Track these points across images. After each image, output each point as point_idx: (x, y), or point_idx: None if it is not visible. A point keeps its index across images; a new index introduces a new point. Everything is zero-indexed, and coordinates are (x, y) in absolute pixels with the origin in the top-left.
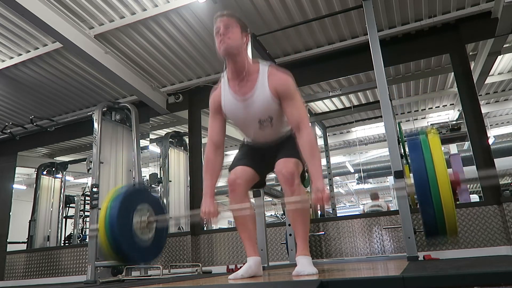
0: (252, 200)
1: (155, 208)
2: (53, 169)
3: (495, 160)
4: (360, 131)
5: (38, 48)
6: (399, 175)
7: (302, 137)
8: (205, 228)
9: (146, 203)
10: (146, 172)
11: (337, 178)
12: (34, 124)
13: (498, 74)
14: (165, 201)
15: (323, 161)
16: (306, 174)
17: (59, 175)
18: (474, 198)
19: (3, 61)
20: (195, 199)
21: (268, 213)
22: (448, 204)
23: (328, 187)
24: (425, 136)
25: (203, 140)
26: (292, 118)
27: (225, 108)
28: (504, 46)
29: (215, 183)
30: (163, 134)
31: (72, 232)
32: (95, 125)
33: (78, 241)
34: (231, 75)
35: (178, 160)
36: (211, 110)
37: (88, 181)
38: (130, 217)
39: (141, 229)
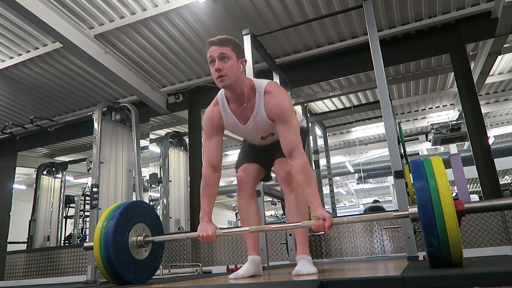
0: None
1: (152, 225)
2: (53, 169)
3: (495, 160)
4: (360, 131)
5: (38, 48)
6: (399, 175)
7: (296, 164)
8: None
9: (142, 221)
10: (146, 172)
11: (337, 178)
12: (34, 124)
13: (498, 74)
14: (165, 201)
15: (323, 161)
16: None
17: (59, 175)
18: (474, 198)
19: (3, 61)
20: (195, 199)
21: (268, 213)
22: (454, 235)
23: (330, 211)
24: (429, 161)
25: (203, 140)
26: (285, 145)
27: (228, 128)
28: (504, 46)
29: (212, 206)
30: (163, 134)
31: (72, 232)
32: (95, 125)
33: (78, 241)
34: (231, 98)
35: (178, 160)
36: (208, 129)
37: (88, 181)
38: (126, 236)
39: (136, 247)
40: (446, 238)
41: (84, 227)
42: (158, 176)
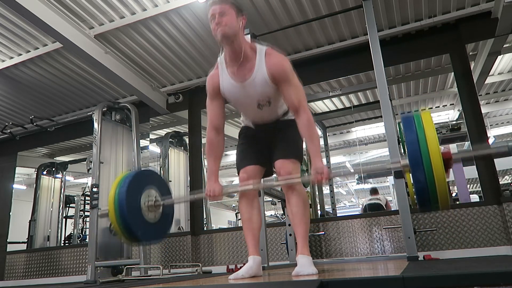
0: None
1: (161, 190)
2: (53, 169)
3: (495, 160)
4: (360, 131)
5: (38, 48)
6: (399, 175)
7: (301, 120)
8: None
9: (152, 187)
10: None
11: (337, 178)
12: (34, 124)
13: (498, 74)
14: None
15: (323, 161)
16: (306, 174)
17: (59, 175)
18: (474, 198)
19: (3, 61)
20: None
21: (268, 213)
22: (440, 176)
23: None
24: (419, 114)
25: (203, 140)
26: (290, 102)
27: (224, 91)
28: (504, 46)
29: (218, 166)
30: (163, 134)
31: (72, 232)
32: (95, 125)
33: (78, 241)
34: (229, 59)
35: (178, 160)
36: (209, 93)
37: (88, 181)
38: (138, 199)
39: (148, 210)
40: (434, 184)
41: (84, 227)
42: None
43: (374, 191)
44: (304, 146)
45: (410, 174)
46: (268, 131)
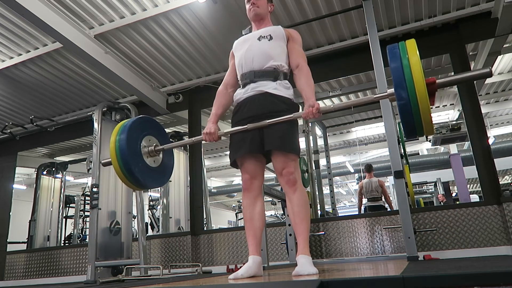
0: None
1: (159, 137)
2: (53, 169)
3: (495, 160)
4: (360, 131)
5: (38, 48)
6: (399, 175)
7: (301, 71)
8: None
9: (151, 134)
10: None
11: (337, 178)
12: (34, 124)
13: (498, 74)
14: (165, 201)
15: (323, 161)
16: (306, 174)
17: (59, 175)
18: (474, 198)
19: (3, 61)
20: (195, 198)
21: (268, 213)
22: (423, 99)
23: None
24: (404, 42)
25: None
26: (294, 58)
27: (235, 47)
28: (504, 46)
29: (221, 113)
30: None
31: (72, 232)
32: (95, 125)
33: (78, 241)
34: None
35: (178, 160)
36: (230, 58)
37: (88, 181)
38: (138, 144)
39: (149, 154)
40: (418, 108)
41: (84, 227)
42: None
43: (369, 168)
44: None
45: (396, 102)
46: (259, 111)
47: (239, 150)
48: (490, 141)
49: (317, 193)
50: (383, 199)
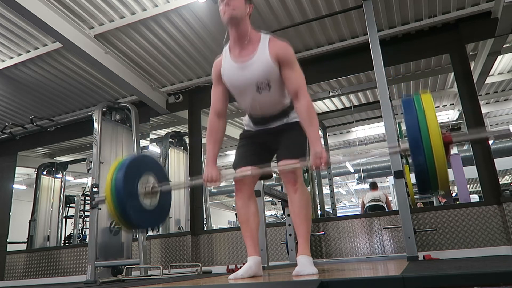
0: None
1: (158, 176)
2: (53, 169)
3: (495, 160)
4: (360, 131)
5: (38, 48)
6: (399, 175)
7: (301, 105)
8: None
9: (149, 172)
10: None
11: (337, 178)
12: (34, 124)
13: (498, 74)
14: None
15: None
16: (306, 174)
17: (59, 175)
18: (474, 198)
19: (3, 61)
20: (195, 199)
21: (268, 213)
22: (440, 159)
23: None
24: (419, 95)
25: (203, 140)
26: (291, 86)
27: (224, 74)
28: (504, 46)
29: (218, 151)
30: (163, 134)
31: (72, 232)
32: (95, 125)
33: (78, 241)
34: (233, 43)
35: (178, 160)
36: (213, 79)
37: (88, 181)
38: (135, 184)
39: (145, 196)
40: (434, 165)
41: (84, 227)
42: None
43: (373, 185)
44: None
45: (410, 157)
46: (269, 134)
47: (241, 162)
48: (490, 141)
49: (317, 193)
50: (385, 205)
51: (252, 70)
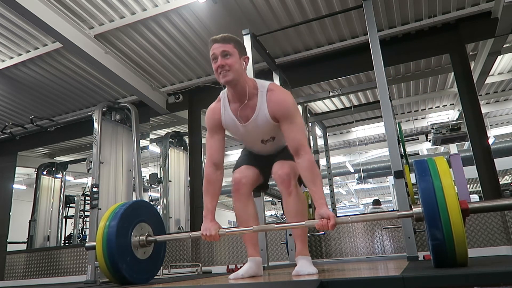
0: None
1: (153, 225)
2: (53, 169)
3: (495, 160)
4: (360, 131)
5: (38, 48)
6: (399, 175)
7: (302, 162)
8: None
9: (145, 221)
10: (146, 172)
11: (337, 178)
12: (34, 124)
13: (498, 74)
14: (165, 201)
15: (323, 161)
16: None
17: (59, 175)
18: (474, 198)
19: (3, 61)
20: (195, 199)
21: (268, 213)
22: (459, 234)
23: (331, 209)
24: (433, 160)
25: (203, 140)
26: (291, 143)
27: (227, 127)
28: (504, 46)
29: (215, 205)
30: (163, 134)
31: (72, 232)
32: (95, 125)
33: (78, 241)
34: (232, 98)
35: (178, 160)
36: (210, 127)
37: (88, 181)
38: (128, 236)
39: (139, 247)
40: (452, 238)
41: (84, 227)
42: (158, 176)
43: (377, 202)
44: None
45: (425, 226)
46: (271, 155)
47: (243, 163)
48: (490, 141)
49: None
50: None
51: (255, 130)
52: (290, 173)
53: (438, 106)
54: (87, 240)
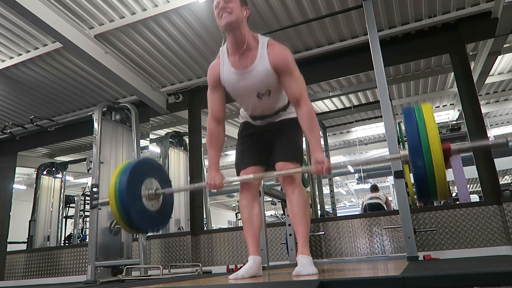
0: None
1: (160, 180)
2: (53, 169)
3: (495, 160)
4: (360, 131)
5: (38, 48)
6: (399, 175)
7: (302, 112)
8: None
9: (152, 176)
10: None
11: (337, 178)
12: (34, 124)
13: (498, 74)
14: None
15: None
16: (306, 174)
17: (59, 175)
18: (474, 198)
19: (3, 61)
20: (195, 199)
21: (268, 213)
22: (439, 166)
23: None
24: (419, 106)
25: (203, 140)
26: (291, 93)
27: (224, 81)
28: (504, 46)
29: (219, 156)
30: (163, 134)
31: (72, 232)
32: (95, 125)
33: (78, 241)
34: (231, 49)
35: (178, 160)
36: (210, 84)
37: (88, 181)
38: (139, 188)
39: (149, 198)
40: (433, 175)
41: (84, 227)
42: None
43: (374, 188)
44: (304, 146)
45: (410, 166)
46: (267, 129)
47: (245, 162)
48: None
49: (317, 193)
50: (384, 205)
51: (252, 79)
52: (294, 175)
53: (438, 106)
54: (87, 240)
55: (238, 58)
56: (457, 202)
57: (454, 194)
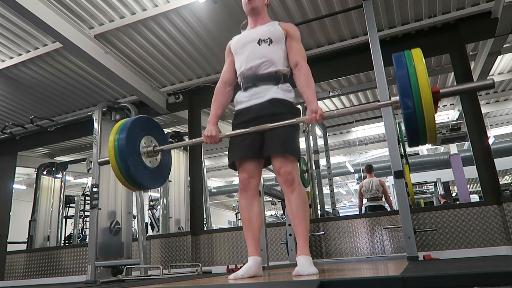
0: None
1: (158, 137)
2: (53, 169)
3: (495, 160)
4: (360, 131)
5: (38, 48)
6: (399, 175)
7: (300, 71)
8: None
9: (150, 134)
10: None
11: (337, 178)
12: (34, 124)
13: (498, 74)
14: (165, 201)
15: (323, 161)
16: (306, 174)
17: (59, 175)
18: (474, 198)
19: (3, 61)
20: (195, 199)
21: (268, 213)
22: (428, 108)
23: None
24: (409, 51)
25: None
26: (293, 55)
27: (232, 43)
28: (504, 46)
29: (220, 113)
30: None
31: (72, 232)
32: (95, 125)
33: (78, 241)
34: (249, 27)
35: (178, 160)
36: (226, 55)
37: (88, 181)
38: (137, 146)
39: (147, 156)
40: (423, 117)
41: (84, 227)
42: None
43: (369, 169)
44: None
45: (401, 110)
46: (260, 116)
47: (237, 152)
48: (490, 141)
49: (317, 193)
50: (384, 199)
51: (259, 30)
52: (293, 171)
53: (438, 106)
54: (87, 240)
55: (253, 25)
56: (457, 202)
57: (454, 194)
